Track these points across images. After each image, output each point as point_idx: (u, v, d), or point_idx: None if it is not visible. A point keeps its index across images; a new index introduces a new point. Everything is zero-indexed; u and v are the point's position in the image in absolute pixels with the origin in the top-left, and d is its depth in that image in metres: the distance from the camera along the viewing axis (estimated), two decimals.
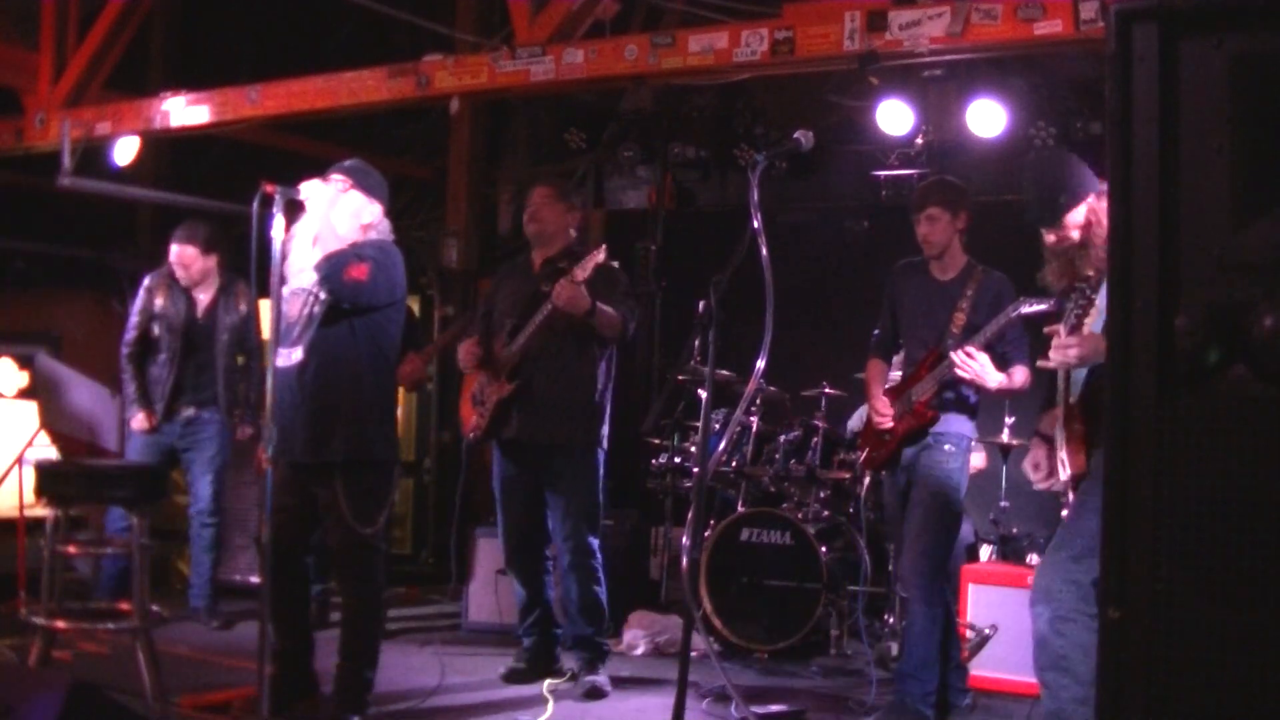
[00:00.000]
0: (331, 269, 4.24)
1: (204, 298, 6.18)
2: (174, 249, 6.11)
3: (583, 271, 4.83)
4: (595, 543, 5.13)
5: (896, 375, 5.04)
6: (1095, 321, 3.62)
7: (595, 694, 4.99)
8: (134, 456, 6.02)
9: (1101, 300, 3.62)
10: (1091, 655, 3.44)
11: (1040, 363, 3.83)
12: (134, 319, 6.16)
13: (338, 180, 4.38)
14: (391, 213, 4.62)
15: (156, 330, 6.10)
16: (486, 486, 6.46)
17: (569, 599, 5.17)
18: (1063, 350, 3.56)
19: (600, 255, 4.86)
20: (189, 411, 6.09)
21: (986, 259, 4.81)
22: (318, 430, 4.25)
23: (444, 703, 4.81)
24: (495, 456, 5.25)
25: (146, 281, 6.20)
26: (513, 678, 5.16)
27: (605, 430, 5.18)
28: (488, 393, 5.13)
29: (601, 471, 5.18)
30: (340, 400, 4.27)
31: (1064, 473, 3.72)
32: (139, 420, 6.03)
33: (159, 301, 6.12)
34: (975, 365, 4.44)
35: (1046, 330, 3.83)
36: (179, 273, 6.11)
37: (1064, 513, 3.83)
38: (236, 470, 7.04)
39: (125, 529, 5.78)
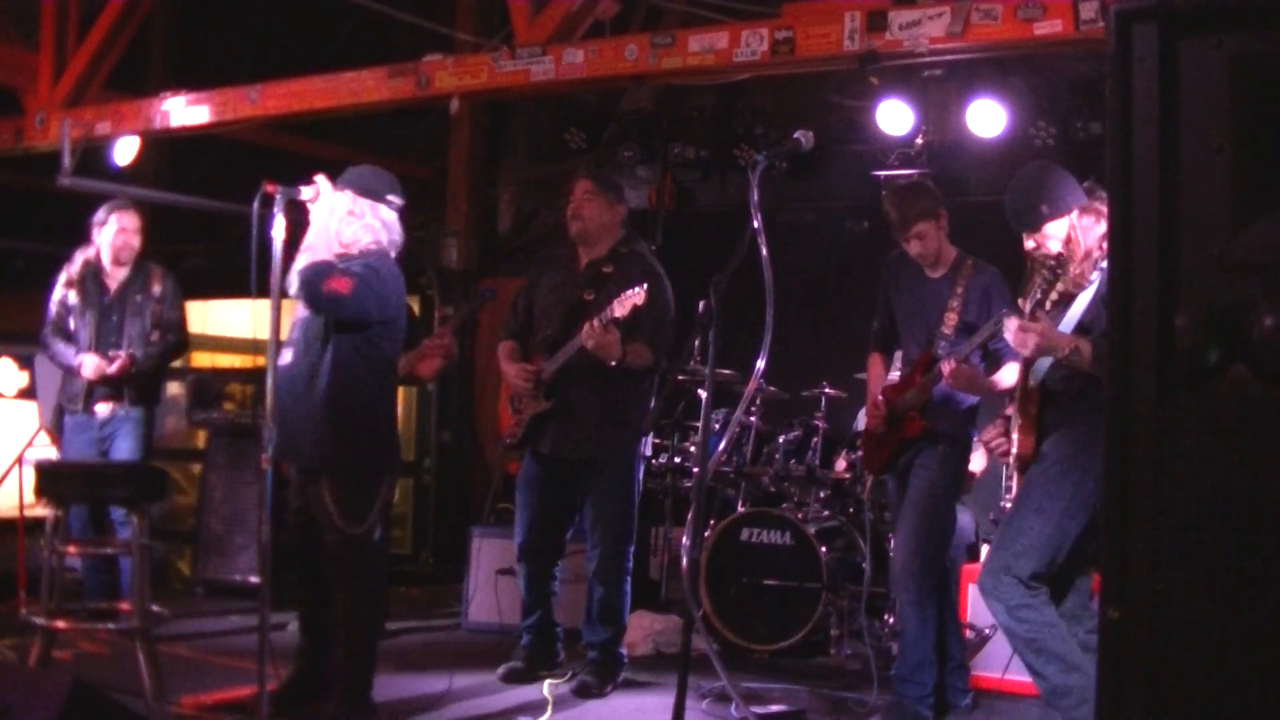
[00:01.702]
0: (310, 277, 4.19)
1: (114, 283, 6.01)
2: (117, 218, 5.95)
3: (621, 308, 4.70)
4: (630, 550, 5.11)
5: (895, 376, 5.04)
6: (1070, 319, 3.63)
7: (585, 691, 4.98)
8: (69, 455, 5.95)
9: (1087, 295, 3.64)
10: (1056, 627, 3.56)
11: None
12: (51, 311, 6.00)
13: (342, 188, 4.37)
14: (404, 212, 4.53)
15: (72, 323, 5.96)
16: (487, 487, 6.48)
17: (591, 602, 5.13)
18: (1022, 337, 3.59)
19: (640, 296, 4.72)
20: (106, 407, 5.93)
21: (985, 259, 4.80)
22: (306, 432, 4.25)
23: (444, 703, 4.81)
24: (525, 459, 5.19)
25: (62, 276, 6.01)
26: (511, 677, 5.14)
27: (644, 439, 5.15)
28: (525, 404, 5.06)
29: (635, 483, 5.14)
30: (329, 406, 4.26)
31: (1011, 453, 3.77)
32: (89, 367, 5.81)
33: (73, 295, 5.97)
34: (963, 379, 4.42)
35: (1021, 301, 3.86)
36: (119, 239, 5.94)
37: (1007, 498, 3.89)
38: (237, 470, 7.06)
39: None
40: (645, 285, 4.78)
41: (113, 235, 5.97)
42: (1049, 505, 3.57)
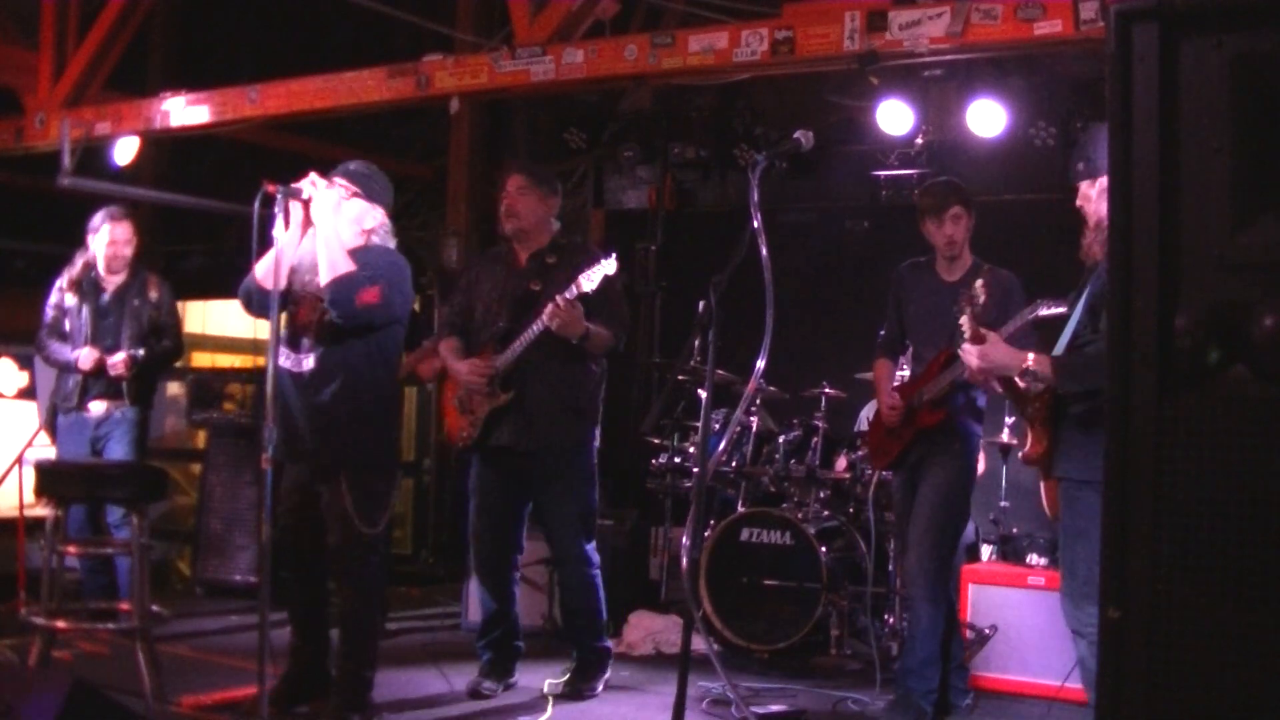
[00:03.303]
0: (342, 293, 4.17)
1: (110, 289, 6.02)
2: (109, 229, 5.95)
3: (589, 282, 4.61)
4: (591, 548, 4.97)
5: (904, 375, 5.04)
6: (1082, 302, 3.62)
7: (576, 693, 4.93)
8: (63, 455, 5.95)
9: (1086, 310, 3.62)
10: None
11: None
12: (48, 314, 6.01)
13: (340, 185, 4.36)
14: (392, 213, 4.56)
15: (68, 325, 5.96)
16: None
17: (567, 608, 5.06)
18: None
19: (611, 265, 4.64)
20: (101, 406, 5.94)
21: (986, 259, 4.80)
22: (325, 434, 4.25)
23: (444, 703, 4.81)
24: (475, 462, 5.03)
25: (61, 281, 6.03)
26: (477, 694, 4.89)
27: (597, 429, 5.02)
28: (476, 401, 4.87)
29: (595, 474, 5.04)
30: (348, 407, 4.27)
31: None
32: (86, 358, 5.82)
33: (70, 297, 5.98)
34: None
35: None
36: (109, 250, 5.95)
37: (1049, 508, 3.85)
38: (237, 470, 7.06)
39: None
40: (613, 255, 4.71)
41: (104, 245, 5.99)
42: (1089, 526, 3.55)
